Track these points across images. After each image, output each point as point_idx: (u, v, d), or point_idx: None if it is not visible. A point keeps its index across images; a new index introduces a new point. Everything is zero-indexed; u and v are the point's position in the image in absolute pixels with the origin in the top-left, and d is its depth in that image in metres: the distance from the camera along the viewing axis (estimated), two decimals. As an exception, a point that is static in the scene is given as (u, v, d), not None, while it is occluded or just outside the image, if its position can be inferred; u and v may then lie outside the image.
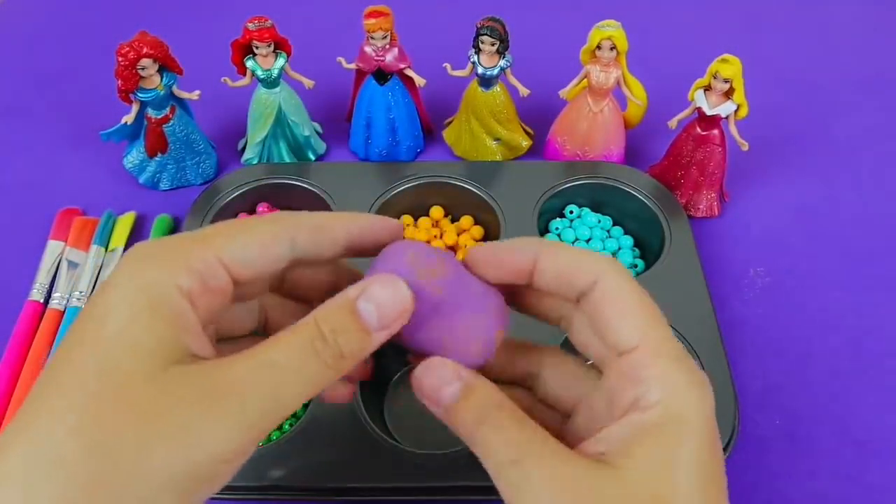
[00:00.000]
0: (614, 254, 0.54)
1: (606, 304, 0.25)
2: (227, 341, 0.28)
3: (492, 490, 0.24)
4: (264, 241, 0.25)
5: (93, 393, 0.20)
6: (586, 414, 0.27)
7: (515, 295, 0.28)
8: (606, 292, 0.25)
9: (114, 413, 0.20)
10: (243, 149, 0.61)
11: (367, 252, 0.27)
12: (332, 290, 0.25)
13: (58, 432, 0.20)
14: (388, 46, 0.55)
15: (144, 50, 0.51)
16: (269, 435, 0.45)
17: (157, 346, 0.21)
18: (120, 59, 0.51)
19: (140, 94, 0.53)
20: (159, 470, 0.20)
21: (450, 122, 0.62)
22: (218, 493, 0.42)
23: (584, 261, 0.25)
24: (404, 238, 0.28)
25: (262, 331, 0.29)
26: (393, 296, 0.24)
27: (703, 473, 0.22)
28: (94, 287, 0.51)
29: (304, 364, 0.23)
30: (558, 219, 0.56)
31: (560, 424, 0.28)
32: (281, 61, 0.55)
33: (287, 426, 0.45)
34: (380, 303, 0.24)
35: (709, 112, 0.52)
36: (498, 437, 0.23)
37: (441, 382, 0.24)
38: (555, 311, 0.28)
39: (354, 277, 0.28)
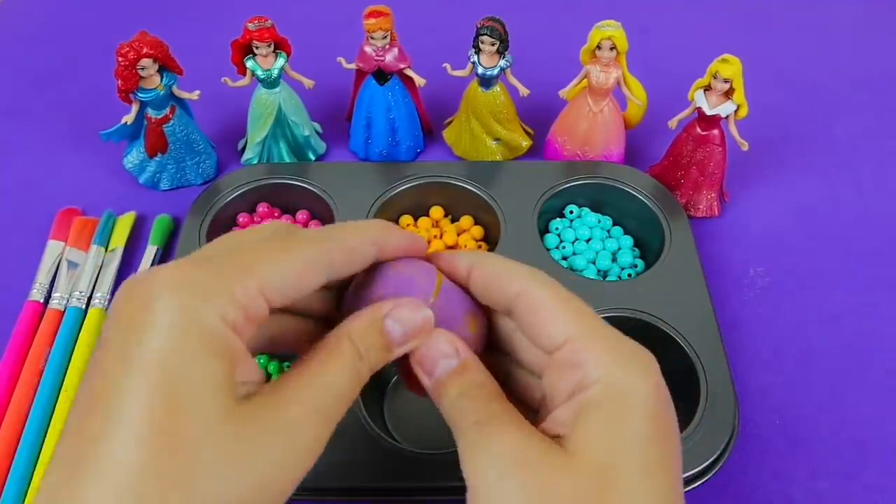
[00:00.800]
0: (614, 254, 0.54)
1: (532, 310, 0.26)
2: None
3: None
4: (303, 270, 0.25)
5: (167, 431, 0.20)
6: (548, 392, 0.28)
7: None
8: (531, 300, 0.26)
9: (191, 454, 0.20)
10: (243, 149, 0.61)
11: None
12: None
13: (134, 471, 0.19)
14: (388, 46, 0.55)
15: (144, 50, 0.51)
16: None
17: (220, 384, 0.21)
18: (120, 59, 0.51)
19: (140, 94, 0.53)
20: None
21: (450, 122, 0.62)
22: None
23: (508, 271, 0.27)
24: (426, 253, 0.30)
25: None
26: (418, 318, 0.26)
27: (649, 443, 0.23)
28: (93, 287, 0.51)
29: (351, 384, 0.25)
30: (558, 219, 0.56)
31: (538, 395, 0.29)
32: (281, 61, 0.55)
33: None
34: (405, 324, 0.26)
35: (709, 112, 0.52)
36: (469, 404, 0.25)
37: (440, 355, 0.26)
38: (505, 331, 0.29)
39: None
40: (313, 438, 0.23)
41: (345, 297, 0.29)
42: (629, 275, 0.52)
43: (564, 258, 0.53)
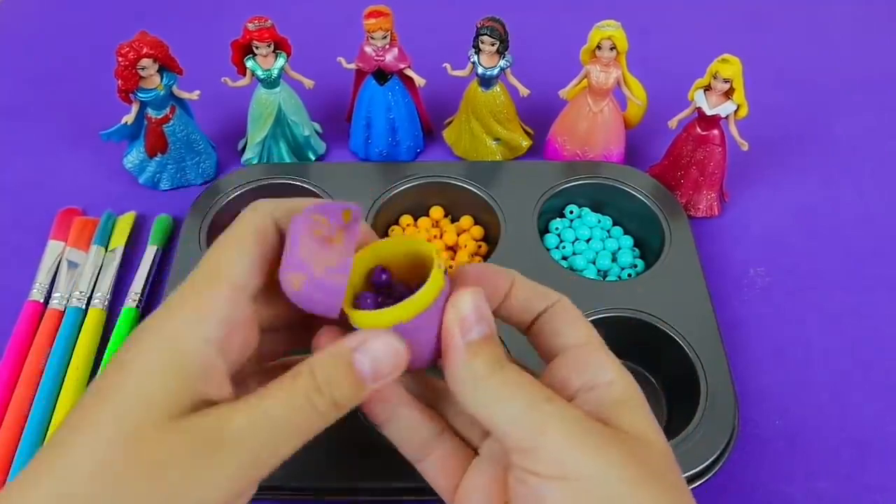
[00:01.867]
0: (614, 254, 0.54)
1: (559, 318, 0.28)
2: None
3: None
4: (259, 252, 0.26)
5: (109, 440, 0.22)
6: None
7: None
8: (560, 310, 0.28)
9: (125, 463, 0.22)
10: (243, 149, 0.61)
11: None
12: None
13: (79, 475, 0.21)
14: (388, 46, 0.55)
15: (144, 50, 0.51)
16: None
17: (167, 398, 0.23)
18: (120, 59, 0.51)
19: (140, 94, 0.53)
20: None
21: (450, 122, 0.62)
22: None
23: (545, 291, 0.29)
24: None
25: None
26: (389, 352, 0.25)
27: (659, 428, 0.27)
28: (93, 287, 0.51)
29: (299, 415, 0.24)
30: (558, 219, 0.56)
31: None
32: (281, 61, 0.55)
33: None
34: (376, 357, 0.25)
35: (709, 112, 0.52)
36: (518, 377, 0.25)
37: (476, 318, 0.25)
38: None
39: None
40: (236, 462, 0.23)
41: None
42: (629, 275, 0.52)
43: (564, 258, 0.53)
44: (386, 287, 0.27)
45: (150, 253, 0.53)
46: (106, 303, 0.51)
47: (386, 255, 0.27)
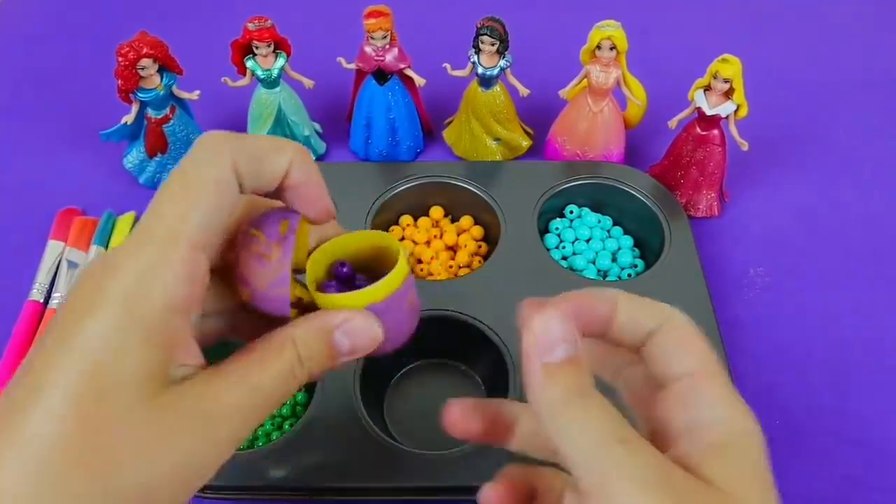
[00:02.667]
0: (614, 254, 0.54)
1: (669, 338, 0.25)
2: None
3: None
4: (216, 203, 0.24)
5: (87, 412, 0.21)
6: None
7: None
8: (669, 329, 0.25)
9: (105, 436, 0.21)
10: (243, 149, 0.61)
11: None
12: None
13: (48, 442, 0.20)
14: (388, 46, 0.55)
15: (144, 50, 0.51)
16: (270, 435, 0.45)
17: (150, 372, 0.22)
18: (120, 59, 0.51)
19: (140, 94, 0.53)
20: (148, 489, 0.21)
21: (450, 122, 0.62)
22: (219, 494, 0.42)
23: (653, 306, 0.26)
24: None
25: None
26: (368, 331, 0.26)
27: (770, 485, 0.24)
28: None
29: (284, 386, 0.24)
30: (558, 219, 0.56)
31: None
32: (281, 61, 0.55)
33: (287, 426, 0.45)
34: (355, 338, 0.25)
35: (709, 112, 0.52)
36: (607, 418, 0.22)
37: (560, 338, 0.23)
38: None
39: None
40: (229, 435, 0.23)
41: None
42: (629, 275, 0.52)
43: (564, 258, 0.53)
44: (348, 278, 0.28)
45: (150, 253, 0.53)
46: (106, 303, 0.51)
47: (351, 248, 0.28)
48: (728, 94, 0.51)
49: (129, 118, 0.54)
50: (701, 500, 0.21)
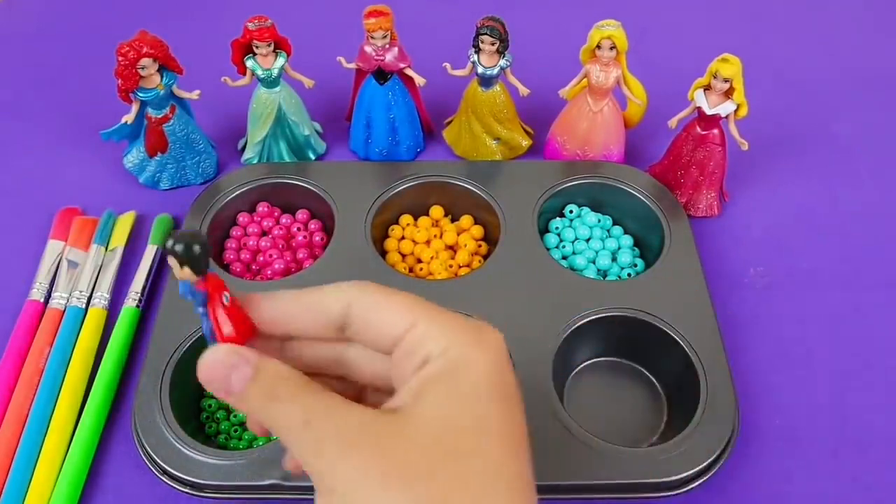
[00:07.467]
0: (614, 253, 0.54)
1: (365, 315, 0.26)
2: None
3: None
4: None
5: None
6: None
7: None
8: (361, 306, 0.26)
9: None
10: (243, 148, 0.61)
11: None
12: None
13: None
14: (388, 46, 0.55)
15: (144, 49, 0.51)
16: (269, 435, 0.45)
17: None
18: (120, 58, 0.51)
19: (140, 94, 0.53)
20: None
21: (450, 122, 0.62)
22: (219, 494, 0.42)
23: (328, 293, 0.27)
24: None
25: None
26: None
27: (488, 410, 0.24)
28: (93, 286, 0.51)
29: None
30: (558, 219, 0.56)
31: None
32: (281, 61, 0.55)
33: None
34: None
35: (709, 112, 0.52)
36: (288, 406, 0.24)
37: (229, 370, 0.25)
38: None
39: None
40: None
41: None
42: (629, 274, 0.52)
43: (564, 258, 0.53)
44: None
45: (150, 252, 0.53)
46: (106, 302, 0.51)
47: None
48: (728, 94, 0.51)
49: (129, 118, 0.54)
50: (395, 440, 0.23)
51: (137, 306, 0.50)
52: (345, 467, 0.23)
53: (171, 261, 0.24)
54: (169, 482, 0.41)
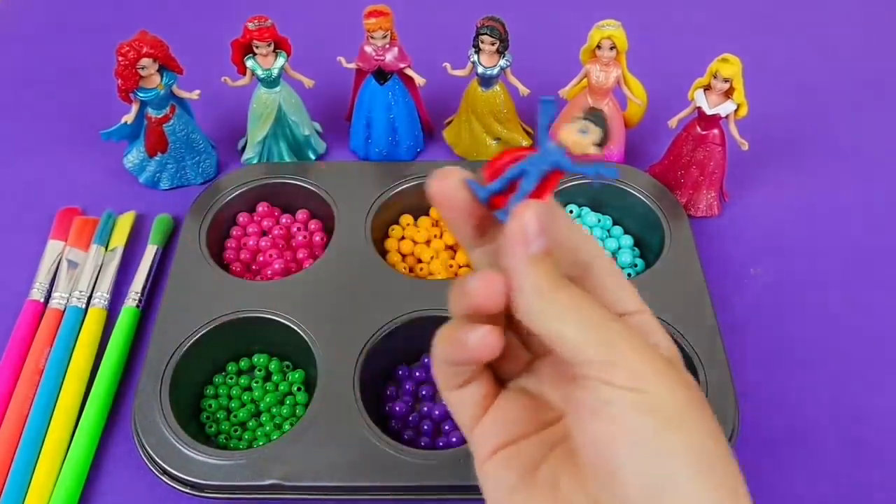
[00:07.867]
0: (614, 253, 0.54)
1: (605, 280, 0.28)
2: None
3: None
4: None
5: None
6: None
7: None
8: (603, 270, 0.28)
9: None
10: (243, 148, 0.61)
11: None
12: None
13: None
14: (388, 46, 0.55)
15: (144, 49, 0.51)
16: (269, 435, 0.45)
17: None
18: (120, 58, 0.51)
19: (140, 94, 0.53)
20: None
21: (450, 122, 0.62)
22: (219, 494, 0.42)
23: (586, 239, 0.28)
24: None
25: None
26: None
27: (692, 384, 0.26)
28: (93, 286, 0.51)
29: None
30: (558, 218, 0.56)
31: None
32: (281, 61, 0.55)
33: (287, 426, 0.45)
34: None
35: (709, 112, 0.52)
36: (584, 295, 0.25)
37: (539, 230, 0.24)
38: None
39: None
40: None
41: None
42: (629, 274, 0.52)
43: (564, 258, 0.53)
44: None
45: (150, 252, 0.53)
46: (106, 302, 0.51)
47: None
48: (728, 94, 0.51)
49: (129, 118, 0.54)
50: (675, 370, 0.25)
51: (137, 306, 0.50)
52: (652, 371, 0.23)
53: (584, 124, 0.25)
54: (169, 482, 0.41)
